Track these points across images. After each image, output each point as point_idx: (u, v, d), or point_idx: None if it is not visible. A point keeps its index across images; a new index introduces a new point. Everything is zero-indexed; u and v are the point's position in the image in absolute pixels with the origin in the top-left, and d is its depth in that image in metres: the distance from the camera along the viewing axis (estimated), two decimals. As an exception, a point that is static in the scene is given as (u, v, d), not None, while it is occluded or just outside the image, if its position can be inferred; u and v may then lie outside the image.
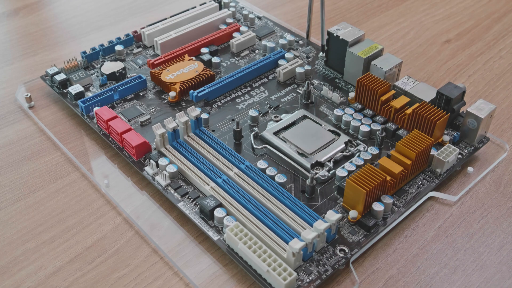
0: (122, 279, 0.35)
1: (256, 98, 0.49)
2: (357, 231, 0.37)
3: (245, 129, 0.45)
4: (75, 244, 0.37)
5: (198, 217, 0.38)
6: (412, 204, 0.39)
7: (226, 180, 0.39)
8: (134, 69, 0.52)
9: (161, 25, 0.55)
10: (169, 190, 0.40)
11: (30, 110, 0.49)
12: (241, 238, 0.34)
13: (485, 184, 0.42)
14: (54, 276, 0.35)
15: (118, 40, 0.54)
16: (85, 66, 0.52)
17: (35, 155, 0.44)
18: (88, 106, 0.46)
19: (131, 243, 0.38)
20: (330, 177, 0.41)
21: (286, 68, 0.51)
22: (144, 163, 0.42)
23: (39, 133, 0.47)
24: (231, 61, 0.53)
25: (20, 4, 0.65)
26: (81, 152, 0.44)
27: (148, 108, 0.47)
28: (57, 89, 0.49)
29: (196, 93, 0.47)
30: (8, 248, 0.37)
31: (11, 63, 0.55)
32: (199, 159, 0.41)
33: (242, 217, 0.36)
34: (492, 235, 0.38)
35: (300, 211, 0.37)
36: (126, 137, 0.42)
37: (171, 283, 0.35)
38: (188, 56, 0.52)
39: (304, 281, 0.34)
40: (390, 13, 0.64)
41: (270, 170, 0.40)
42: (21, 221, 0.39)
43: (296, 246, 0.33)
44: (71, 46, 0.58)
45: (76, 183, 0.42)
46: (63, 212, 0.40)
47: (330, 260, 0.35)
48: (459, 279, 0.35)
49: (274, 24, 0.59)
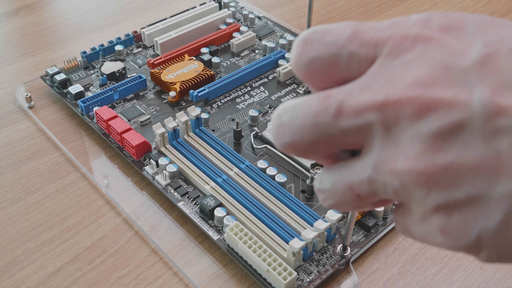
0: (122, 279, 0.35)
1: (256, 98, 0.49)
2: (357, 231, 0.37)
3: (245, 129, 0.45)
4: (75, 244, 0.37)
5: (198, 216, 0.38)
6: (412, 204, 0.39)
7: (226, 180, 0.39)
8: (134, 69, 0.52)
9: (161, 25, 0.55)
10: (169, 189, 0.40)
11: (30, 110, 0.49)
12: (241, 237, 0.34)
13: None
14: (54, 276, 0.35)
15: (118, 40, 0.54)
16: (85, 66, 0.52)
17: (35, 155, 0.44)
18: (88, 106, 0.46)
19: (131, 243, 0.37)
20: (330, 177, 0.41)
21: (286, 68, 0.51)
22: (144, 163, 0.42)
23: (39, 133, 0.47)
24: (231, 61, 0.53)
25: (20, 4, 0.65)
26: (81, 152, 0.44)
27: (148, 108, 0.47)
28: (57, 89, 0.49)
29: (196, 93, 0.47)
30: (8, 248, 0.37)
31: (11, 63, 0.55)
32: (199, 159, 0.41)
33: (242, 217, 0.36)
34: (492, 235, 0.38)
35: (300, 211, 0.37)
36: (126, 137, 0.42)
37: (171, 283, 0.35)
38: (188, 56, 0.52)
39: (304, 281, 0.34)
40: (390, 13, 0.64)
41: (270, 170, 0.40)
42: (21, 221, 0.39)
43: (296, 246, 0.33)
44: (71, 46, 0.58)
45: (76, 183, 0.42)
46: (63, 212, 0.40)
47: (330, 260, 0.35)
48: (459, 279, 0.35)
49: (274, 24, 0.59)
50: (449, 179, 0.15)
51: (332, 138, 0.17)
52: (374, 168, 0.16)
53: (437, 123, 0.15)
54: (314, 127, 0.17)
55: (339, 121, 0.16)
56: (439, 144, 0.15)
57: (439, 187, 0.15)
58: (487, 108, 0.14)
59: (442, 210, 0.15)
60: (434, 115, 0.15)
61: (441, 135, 0.15)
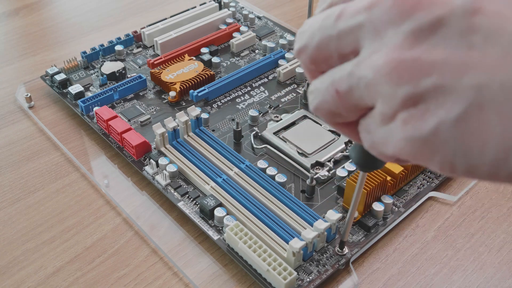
0: (122, 279, 0.35)
1: (256, 98, 0.49)
2: (357, 231, 0.37)
3: (245, 129, 0.45)
4: (75, 244, 0.37)
5: (198, 216, 0.38)
6: (412, 204, 0.39)
7: (226, 180, 0.39)
8: (134, 69, 0.52)
9: (161, 25, 0.55)
10: (169, 189, 0.40)
11: (30, 110, 0.49)
12: (241, 237, 0.34)
13: (485, 184, 0.42)
14: (54, 276, 0.35)
15: (118, 40, 0.54)
16: (85, 66, 0.52)
17: (35, 155, 0.44)
18: (88, 106, 0.46)
19: (131, 243, 0.37)
20: (330, 177, 0.41)
21: (286, 68, 0.51)
22: (144, 163, 0.42)
23: (39, 133, 0.47)
24: (231, 61, 0.53)
25: (20, 4, 0.65)
26: (81, 152, 0.44)
27: (148, 108, 0.47)
28: (57, 89, 0.49)
29: (196, 93, 0.47)
30: (8, 248, 0.37)
31: (11, 63, 0.55)
32: (199, 159, 0.41)
33: (242, 217, 0.36)
34: (492, 235, 0.38)
35: (300, 211, 0.37)
36: (126, 137, 0.42)
37: (171, 283, 0.35)
38: (188, 56, 0.52)
39: (304, 281, 0.34)
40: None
41: (270, 170, 0.40)
42: (21, 221, 0.39)
43: (296, 246, 0.33)
44: (71, 46, 0.58)
45: (76, 183, 0.42)
46: (63, 212, 0.40)
47: (330, 260, 0.35)
48: (459, 279, 0.35)
49: (274, 24, 0.59)
50: (419, 70, 0.15)
51: (332, 40, 0.18)
52: (356, 64, 0.17)
53: (418, 20, 0.16)
54: (320, 29, 0.19)
55: (338, 24, 0.18)
56: (417, 40, 0.16)
57: (408, 77, 0.16)
58: (466, 7, 0.15)
59: (409, 103, 0.16)
60: (417, 14, 0.16)
61: (421, 32, 0.16)
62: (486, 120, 0.15)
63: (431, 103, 0.15)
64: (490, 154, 0.15)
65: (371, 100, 0.17)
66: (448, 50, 0.15)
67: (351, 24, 0.17)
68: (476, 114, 0.15)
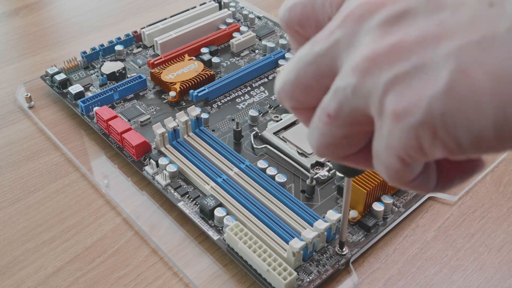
0: (122, 279, 0.35)
1: (256, 98, 0.49)
2: (357, 231, 0.37)
3: (245, 129, 0.45)
4: (75, 244, 0.37)
5: (198, 216, 0.38)
6: (412, 204, 0.39)
7: (226, 180, 0.39)
8: (134, 69, 0.52)
9: (161, 25, 0.55)
10: (169, 189, 0.40)
11: (30, 110, 0.49)
12: (241, 237, 0.34)
13: (485, 184, 0.42)
14: (54, 276, 0.35)
15: (118, 40, 0.54)
16: (85, 66, 0.52)
17: (35, 155, 0.44)
18: (88, 106, 0.46)
19: (131, 243, 0.37)
20: (330, 177, 0.41)
21: (286, 68, 0.51)
22: (144, 163, 0.42)
23: (39, 133, 0.47)
24: (231, 61, 0.53)
25: (20, 4, 0.65)
26: (81, 152, 0.44)
27: (148, 108, 0.47)
28: (57, 89, 0.49)
29: (196, 93, 0.47)
30: (8, 248, 0.37)
31: (11, 63, 0.55)
32: (199, 159, 0.41)
33: (242, 217, 0.36)
34: (492, 235, 0.38)
35: (300, 211, 0.37)
36: (126, 137, 0.42)
37: (171, 283, 0.35)
38: (188, 56, 0.52)
39: (304, 281, 0.34)
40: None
41: (270, 170, 0.40)
42: (21, 221, 0.39)
43: (296, 246, 0.33)
44: (71, 46, 0.58)
45: (76, 183, 0.42)
46: (63, 212, 0.40)
47: (330, 260, 0.35)
48: (459, 279, 0.35)
49: (274, 24, 0.59)
50: (396, 55, 0.15)
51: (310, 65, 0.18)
52: (338, 79, 0.17)
53: (385, 13, 0.16)
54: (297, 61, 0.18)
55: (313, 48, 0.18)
56: (387, 30, 0.16)
57: (387, 65, 0.16)
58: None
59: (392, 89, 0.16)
60: (382, 8, 0.16)
61: (389, 22, 0.16)
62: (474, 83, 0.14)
63: (416, 83, 0.15)
64: (489, 114, 0.15)
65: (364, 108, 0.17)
66: (419, 30, 0.15)
67: (326, 45, 0.17)
68: (462, 79, 0.14)
